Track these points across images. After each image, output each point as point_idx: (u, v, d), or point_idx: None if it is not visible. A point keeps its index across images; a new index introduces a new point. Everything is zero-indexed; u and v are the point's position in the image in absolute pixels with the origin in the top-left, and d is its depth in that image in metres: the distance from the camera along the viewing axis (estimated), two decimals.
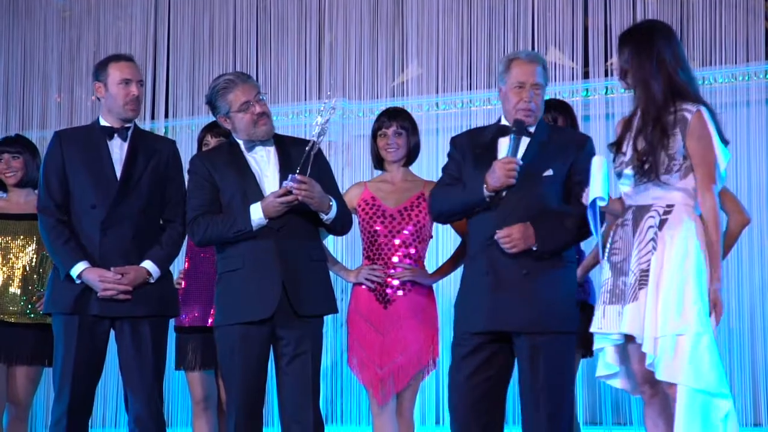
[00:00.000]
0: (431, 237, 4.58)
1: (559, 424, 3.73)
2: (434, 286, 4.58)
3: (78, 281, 4.13)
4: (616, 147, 3.61)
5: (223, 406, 4.75)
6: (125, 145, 4.26)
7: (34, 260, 5.03)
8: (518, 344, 3.75)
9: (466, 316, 3.85)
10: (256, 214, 3.94)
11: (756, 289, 5.60)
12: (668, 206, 3.45)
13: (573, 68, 6.04)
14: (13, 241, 5.03)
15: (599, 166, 3.50)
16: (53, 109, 7.11)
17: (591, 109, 5.99)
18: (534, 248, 3.73)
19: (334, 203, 4.02)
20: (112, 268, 4.13)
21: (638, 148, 3.49)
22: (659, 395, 3.49)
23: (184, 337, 4.76)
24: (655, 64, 3.49)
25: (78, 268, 4.12)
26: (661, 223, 3.44)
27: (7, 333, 4.95)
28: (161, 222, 4.32)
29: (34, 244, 5.02)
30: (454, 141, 4.07)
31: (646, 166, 3.45)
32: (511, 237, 3.70)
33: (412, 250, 4.47)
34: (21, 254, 5.03)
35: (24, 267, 5.02)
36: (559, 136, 3.94)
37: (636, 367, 3.51)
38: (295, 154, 4.02)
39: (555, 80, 6.03)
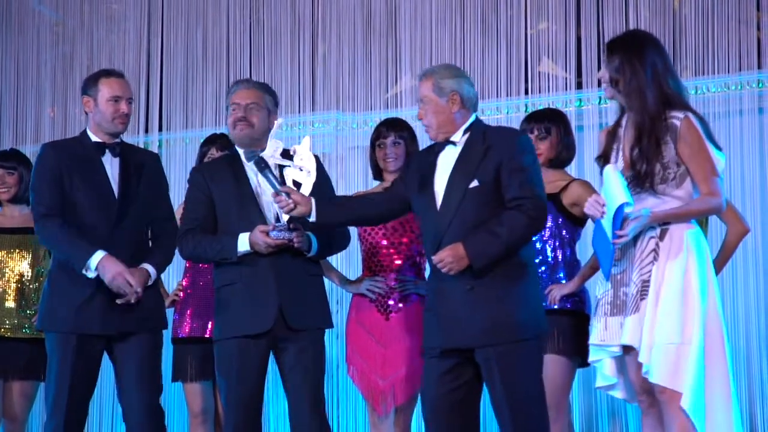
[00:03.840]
0: None
1: None
2: None
3: (94, 273, 4.05)
4: (604, 159, 3.59)
5: (221, 419, 4.74)
6: (116, 162, 4.25)
7: (29, 274, 5.02)
8: (477, 358, 3.68)
9: (426, 332, 3.81)
10: (243, 246, 3.94)
11: (751, 297, 5.60)
12: None
13: (566, 78, 6.05)
14: (8, 255, 5.02)
15: (613, 174, 3.43)
16: (47, 123, 7.10)
17: (584, 119, 5.98)
18: (474, 266, 3.62)
19: (314, 242, 4.00)
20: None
21: (632, 158, 3.48)
22: (658, 405, 3.49)
23: (182, 348, 4.75)
24: (650, 73, 3.48)
25: (97, 256, 4.04)
26: (662, 234, 3.43)
27: (2, 347, 4.94)
28: (151, 233, 4.33)
29: (30, 258, 5.01)
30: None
31: (642, 173, 3.42)
32: (444, 261, 3.61)
33: (413, 261, 4.48)
34: (16, 268, 5.02)
35: (19, 281, 5.02)
36: (484, 141, 3.76)
37: (634, 377, 3.50)
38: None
39: (548, 91, 6.04)
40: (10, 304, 5.00)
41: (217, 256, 4.01)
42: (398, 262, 4.49)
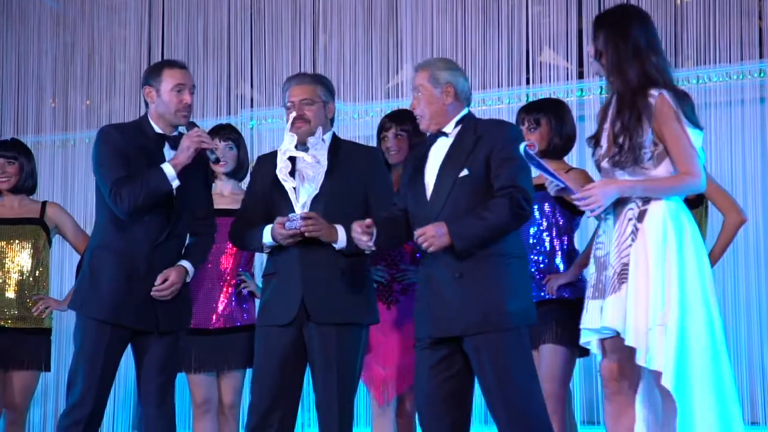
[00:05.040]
0: None
1: (527, 422, 3.61)
2: None
3: (177, 180, 3.97)
4: (595, 141, 3.57)
5: (224, 409, 4.75)
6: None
7: (29, 265, 5.03)
8: (465, 347, 3.68)
9: (416, 323, 3.81)
10: (267, 237, 4.03)
11: (752, 286, 5.61)
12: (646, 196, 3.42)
13: (567, 68, 6.04)
14: (8, 246, 5.02)
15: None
16: (48, 113, 7.11)
17: (586, 109, 5.99)
18: (455, 246, 3.63)
19: (343, 235, 3.99)
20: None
21: (615, 133, 3.41)
22: (623, 394, 3.43)
23: (186, 339, 4.74)
24: (631, 49, 3.44)
25: (167, 168, 3.97)
26: (641, 215, 3.38)
27: (3, 338, 4.94)
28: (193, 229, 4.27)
29: (30, 249, 5.02)
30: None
31: (625, 148, 3.37)
32: (426, 235, 3.62)
33: (415, 252, 4.47)
34: (16, 259, 5.03)
35: (19, 272, 5.02)
36: (475, 132, 3.80)
37: (604, 362, 3.46)
38: (348, 159, 4.07)
39: (550, 81, 6.05)
40: (11, 294, 5.01)
41: (251, 246, 4.16)
42: (401, 253, 4.49)
